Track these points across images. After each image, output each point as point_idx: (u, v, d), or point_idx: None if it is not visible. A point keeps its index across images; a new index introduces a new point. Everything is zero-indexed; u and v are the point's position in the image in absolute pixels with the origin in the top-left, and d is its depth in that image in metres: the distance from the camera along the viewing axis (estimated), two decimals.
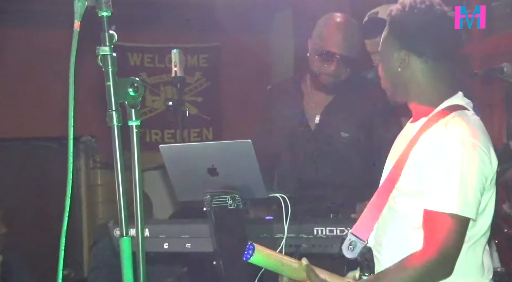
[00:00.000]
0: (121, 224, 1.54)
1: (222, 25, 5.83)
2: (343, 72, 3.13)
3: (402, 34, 2.12)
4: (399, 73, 2.14)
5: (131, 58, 6.57)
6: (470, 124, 2.04)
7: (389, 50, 2.16)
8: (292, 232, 2.56)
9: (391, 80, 2.18)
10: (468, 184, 1.96)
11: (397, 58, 2.13)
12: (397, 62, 2.13)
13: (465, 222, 1.97)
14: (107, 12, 1.54)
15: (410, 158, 2.06)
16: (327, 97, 3.19)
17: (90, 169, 6.63)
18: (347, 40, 3.11)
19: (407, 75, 2.13)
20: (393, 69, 2.15)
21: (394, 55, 2.14)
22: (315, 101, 3.21)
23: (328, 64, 3.11)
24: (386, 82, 2.21)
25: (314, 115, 3.19)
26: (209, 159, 2.52)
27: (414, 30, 2.10)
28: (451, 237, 1.95)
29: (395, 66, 2.14)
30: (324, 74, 3.13)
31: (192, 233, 2.67)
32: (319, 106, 3.20)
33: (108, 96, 1.53)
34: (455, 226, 1.95)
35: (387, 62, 2.18)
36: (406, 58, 2.12)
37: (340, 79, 3.14)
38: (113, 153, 1.53)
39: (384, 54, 2.19)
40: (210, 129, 6.81)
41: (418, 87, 2.14)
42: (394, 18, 2.14)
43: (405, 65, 2.12)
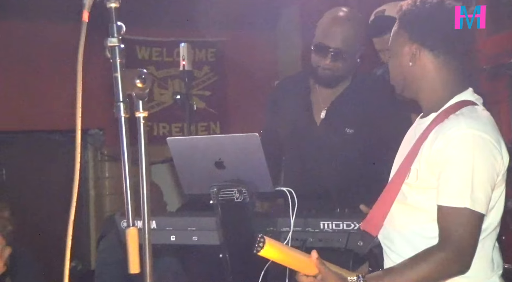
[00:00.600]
0: (127, 215, 1.55)
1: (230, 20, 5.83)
2: (339, 66, 3.10)
3: (413, 28, 2.11)
4: (410, 68, 2.13)
5: (139, 51, 6.58)
6: (480, 119, 2.04)
7: (400, 45, 2.15)
8: (298, 226, 2.55)
9: (401, 75, 2.17)
10: (479, 179, 1.96)
11: (408, 53, 2.13)
12: (408, 57, 2.13)
13: (479, 217, 1.98)
14: (115, 3, 1.54)
15: (420, 153, 2.06)
16: (334, 93, 3.18)
17: (98, 161, 6.65)
18: (343, 34, 3.08)
19: (418, 70, 2.13)
20: (403, 64, 2.14)
21: (405, 50, 2.13)
22: (322, 97, 3.20)
23: (323, 57, 3.10)
24: (395, 77, 2.20)
25: (320, 110, 3.18)
26: (216, 152, 2.52)
27: (426, 24, 2.10)
28: (467, 232, 1.96)
29: (406, 60, 2.14)
30: (320, 68, 3.12)
31: (199, 225, 2.67)
32: (325, 101, 3.19)
33: (115, 87, 1.52)
34: (470, 220, 1.96)
35: (397, 57, 2.17)
36: (417, 53, 2.11)
37: (338, 73, 3.11)
38: (120, 144, 1.53)
39: (394, 49, 2.18)
40: (217, 123, 6.82)
41: (428, 82, 2.13)
42: (405, 12, 2.14)
43: (416, 60, 2.12)
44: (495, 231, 2.10)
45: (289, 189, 2.53)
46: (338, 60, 3.08)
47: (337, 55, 3.07)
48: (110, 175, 6.57)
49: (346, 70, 3.13)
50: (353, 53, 3.11)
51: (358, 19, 3.20)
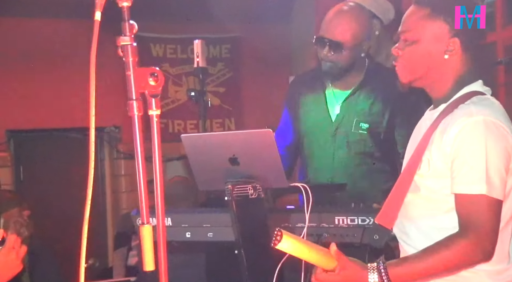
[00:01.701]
0: (142, 212, 1.56)
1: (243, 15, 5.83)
2: (338, 58, 3.09)
3: (453, 20, 2.06)
4: (444, 62, 2.09)
5: (153, 49, 6.60)
6: (491, 107, 2.03)
7: (434, 35, 2.08)
8: (313, 222, 2.55)
9: (426, 66, 2.10)
10: (494, 164, 1.95)
11: (444, 45, 2.07)
12: (442, 49, 2.08)
13: (497, 203, 1.95)
14: (127, 2, 1.55)
15: (431, 142, 2.04)
16: (348, 88, 3.18)
17: (114, 159, 6.69)
18: (342, 26, 3.08)
19: (449, 64, 2.09)
20: (436, 56, 2.09)
21: (441, 42, 2.08)
22: (336, 92, 3.20)
23: (321, 50, 3.11)
24: (416, 66, 2.12)
25: (334, 105, 3.18)
26: (230, 148, 2.52)
27: (464, 17, 2.05)
28: (487, 218, 1.94)
29: (439, 52, 2.08)
30: (323, 60, 3.12)
31: (214, 222, 2.68)
32: (339, 97, 3.19)
33: (128, 86, 1.53)
34: (489, 206, 1.94)
35: (428, 48, 2.09)
36: (455, 46, 2.07)
37: (339, 65, 3.10)
38: (134, 142, 1.54)
39: (425, 38, 2.09)
40: (232, 120, 6.82)
41: (450, 75, 2.10)
42: (441, 1, 2.08)
43: (453, 54, 2.08)
44: (511, 222, 2.07)
45: (304, 184, 2.53)
46: (335, 52, 3.08)
47: (334, 47, 3.07)
48: (126, 172, 6.61)
49: (347, 63, 3.11)
50: (354, 46, 3.10)
51: (363, 13, 3.17)
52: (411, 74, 2.14)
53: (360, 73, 3.18)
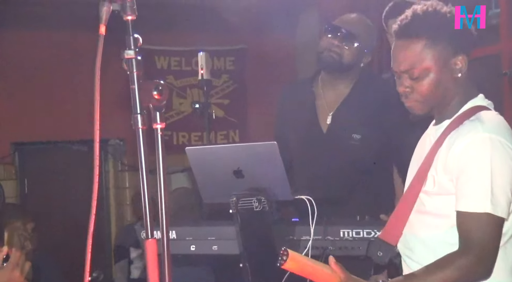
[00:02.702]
0: (146, 227, 1.55)
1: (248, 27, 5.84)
2: (346, 51, 3.10)
3: (454, 38, 2.05)
4: (455, 81, 2.07)
5: (158, 61, 6.62)
6: (496, 123, 2.03)
7: (443, 60, 2.05)
8: (318, 234, 2.54)
9: (442, 91, 2.07)
10: (499, 182, 1.95)
11: (452, 65, 2.06)
12: (453, 69, 2.06)
13: (500, 221, 1.96)
14: (132, 16, 1.55)
15: (436, 159, 2.04)
16: (339, 98, 3.17)
17: (118, 171, 6.69)
18: (357, 22, 3.14)
19: (462, 80, 2.08)
20: (447, 79, 2.06)
21: (449, 63, 2.06)
22: (327, 102, 3.18)
23: (332, 38, 3.10)
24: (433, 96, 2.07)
25: (326, 116, 3.16)
26: (234, 161, 2.51)
27: (461, 33, 2.05)
28: (489, 237, 1.95)
29: (449, 74, 2.06)
30: (327, 50, 3.11)
31: (219, 235, 2.67)
32: (331, 107, 3.17)
33: (133, 99, 1.54)
34: (491, 225, 1.95)
35: (440, 74, 2.06)
36: (463, 63, 2.06)
37: (344, 60, 3.10)
38: (138, 156, 1.54)
39: (434, 65, 2.05)
40: (236, 132, 6.83)
41: (456, 91, 2.09)
42: (438, 27, 2.05)
43: (464, 70, 2.06)
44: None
45: (309, 197, 2.52)
46: (346, 43, 3.09)
47: (347, 38, 3.08)
48: (130, 185, 6.61)
49: (350, 61, 3.11)
50: (361, 47, 3.10)
51: (371, 25, 3.23)
52: (427, 106, 2.11)
53: (351, 83, 3.17)
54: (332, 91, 3.19)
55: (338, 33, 3.09)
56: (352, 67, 3.14)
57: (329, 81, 3.20)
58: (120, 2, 1.54)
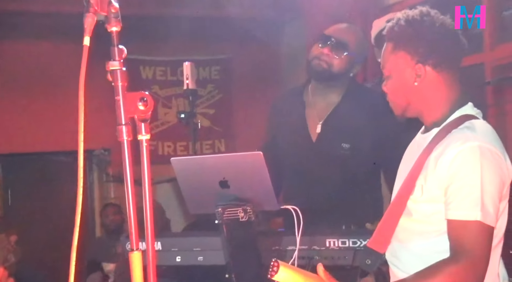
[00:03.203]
0: (131, 239, 1.54)
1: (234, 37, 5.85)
2: (336, 60, 3.11)
3: (414, 47, 2.10)
4: (416, 88, 2.12)
5: (143, 71, 6.61)
6: (484, 132, 2.04)
7: (401, 67, 2.13)
8: (304, 244, 2.55)
9: (404, 96, 2.15)
10: (489, 191, 1.96)
11: (411, 73, 2.12)
12: (412, 77, 2.12)
13: (490, 229, 1.97)
14: (117, 27, 1.55)
15: (425, 168, 2.05)
16: (329, 107, 3.18)
17: (103, 182, 6.66)
18: (347, 32, 3.15)
19: (424, 89, 2.12)
20: (408, 85, 2.13)
21: (407, 71, 2.12)
22: (317, 111, 3.19)
23: (322, 48, 3.12)
24: (398, 99, 2.17)
25: (315, 125, 3.17)
26: (220, 171, 2.51)
27: (426, 42, 2.09)
28: (479, 245, 1.95)
29: (410, 81, 2.12)
30: (317, 59, 3.12)
31: (204, 246, 2.67)
32: (321, 116, 3.18)
33: (117, 110, 1.53)
34: (482, 233, 1.96)
35: (399, 79, 2.15)
36: (422, 72, 2.10)
37: (334, 69, 3.11)
38: (123, 167, 1.53)
39: (393, 71, 2.16)
40: (222, 141, 6.83)
41: (433, 99, 2.13)
42: (399, 33, 2.13)
43: (421, 79, 2.11)
44: (500, 244, 2.09)
45: (295, 207, 2.51)
46: (336, 52, 3.10)
47: (337, 47, 3.10)
48: (116, 195, 6.58)
49: (340, 70, 3.12)
50: (350, 57, 3.12)
51: (361, 34, 3.25)
52: (398, 106, 2.19)
53: (341, 92, 3.19)
54: (322, 100, 3.20)
55: (328, 42, 3.11)
56: (341, 77, 3.15)
57: (319, 90, 3.21)
58: (105, 13, 1.54)
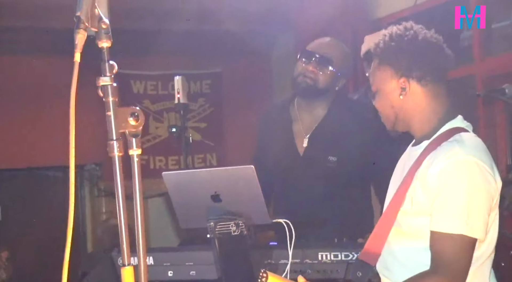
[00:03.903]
0: (123, 253, 1.53)
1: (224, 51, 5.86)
2: (321, 76, 3.12)
3: (397, 63, 2.13)
4: (401, 101, 2.14)
5: (134, 86, 6.60)
6: (474, 145, 2.06)
7: (386, 81, 2.17)
8: (297, 258, 2.55)
9: (392, 110, 2.18)
10: (475, 204, 1.97)
11: (396, 87, 2.14)
12: (397, 91, 2.14)
13: (473, 243, 1.99)
14: (107, 43, 1.55)
15: (415, 180, 2.07)
16: (315, 121, 3.19)
17: (94, 197, 6.65)
18: (331, 48, 3.17)
19: (409, 102, 2.14)
20: (393, 98, 2.16)
21: (392, 85, 2.15)
22: (303, 125, 3.21)
23: (307, 64, 3.13)
24: (386, 113, 2.20)
25: (302, 139, 3.19)
26: (211, 185, 2.51)
27: (409, 56, 2.12)
28: (460, 257, 1.97)
29: (395, 95, 2.15)
30: (302, 76, 3.14)
31: (197, 260, 2.67)
32: (307, 130, 3.20)
33: (108, 126, 1.53)
34: (463, 246, 1.97)
35: (385, 93, 2.18)
36: (406, 85, 2.13)
37: (319, 85, 3.13)
38: (115, 182, 1.53)
39: (380, 86, 2.19)
40: (214, 155, 6.82)
41: (420, 112, 2.15)
42: (383, 49, 2.17)
43: (406, 92, 2.13)
44: (491, 257, 2.11)
45: (287, 220, 2.51)
46: (321, 68, 3.11)
47: (321, 63, 3.11)
48: (107, 210, 6.56)
49: (325, 85, 3.14)
50: (336, 70, 3.13)
51: (345, 48, 3.27)
52: (388, 121, 2.22)
53: (327, 106, 3.20)
54: (308, 114, 3.21)
55: (312, 58, 3.13)
56: (327, 91, 3.16)
57: (305, 104, 3.23)
58: (96, 29, 1.54)
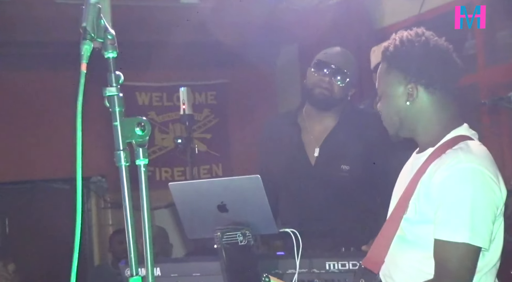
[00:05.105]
0: (130, 264, 1.55)
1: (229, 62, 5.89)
2: (337, 87, 3.13)
3: (407, 68, 2.13)
4: (408, 107, 2.14)
5: (139, 97, 6.63)
6: (478, 154, 2.05)
7: (393, 86, 2.16)
8: (304, 267, 2.55)
9: (397, 115, 2.17)
10: (479, 213, 1.97)
11: (403, 93, 2.14)
12: (404, 97, 2.14)
13: (477, 251, 1.98)
14: (113, 53, 1.57)
15: (419, 187, 2.07)
16: (326, 130, 3.19)
17: (101, 209, 6.67)
18: (344, 57, 3.17)
19: (416, 108, 2.14)
20: (400, 104, 2.15)
21: (400, 90, 2.15)
22: (314, 135, 3.20)
23: (322, 75, 3.13)
24: (391, 118, 2.19)
25: (313, 148, 3.18)
26: (218, 195, 2.51)
27: (418, 62, 2.12)
28: (464, 266, 1.97)
29: (402, 100, 2.15)
30: (318, 87, 3.13)
31: (204, 270, 2.67)
32: (318, 139, 3.19)
33: (115, 136, 1.54)
34: (467, 255, 1.96)
35: (391, 98, 2.17)
36: (414, 91, 2.13)
37: (335, 96, 3.13)
38: (122, 192, 1.54)
39: (386, 90, 2.18)
40: (219, 165, 6.84)
41: (425, 119, 2.15)
42: (393, 53, 2.16)
43: (413, 98, 2.13)
44: (496, 266, 2.10)
45: (294, 230, 2.52)
46: (337, 79, 3.11)
47: (337, 73, 3.11)
48: (113, 222, 6.58)
49: (340, 95, 3.14)
50: (349, 82, 3.14)
51: (353, 58, 3.27)
52: (391, 126, 2.21)
53: (337, 115, 3.20)
54: (319, 124, 3.21)
55: (327, 69, 3.12)
56: (341, 101, 3.17)
57: (315, 114, 3.22)
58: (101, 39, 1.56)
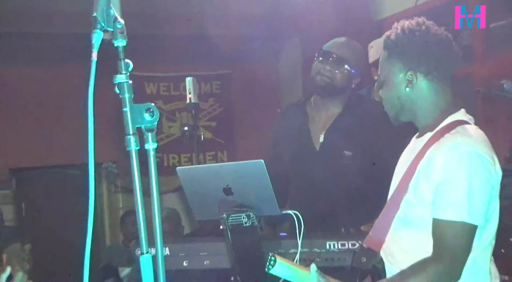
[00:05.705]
0: (141, 243, 1.61)
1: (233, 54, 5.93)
2: (338, 75, 3.20)
3: (407, 55, 2.20)
4: (407, 93, 2.21)
5: (147, 87, 6.72)
6: (475, 137, 2.13)
7: (394, 73, 2.23)
8: (306, 247, 2.64)
9: (397, 101, 2.24)
10: (476, 192, 2.04)
11: (403, 79, 2.22)
12: (404, 83, 2.22)
13: (473, 230, 2.06)
14: (123, 42, 1.63)
15: (418, 170, 2.14)
16: (331, 118, 3.27)
17: (112, 193, 6.77)
18: (347, 47, 3.23)
19: (415, 94, 2.21)
20: (400, 90, 2.23)
21: (399, 77, 2.22)
22: (320, 122, 3.28)
23: (324, 64, 3.21)
24: (391, 104, 2.27)
25: (318, 135, 3.26)
26: (223, 179, 2.57)
27: (418, 50, 2.19)
28: (460, 244, 2.05)
29: (402, 87, 2.22)
30: (319, 75, 3.22)
31: (210, 250, 2.77)
32: (323, 126, 3.27)
33: (125, 121, 1.61)
34: (464, 233, 2.04)
35: (392, 84, 2.24)
36: (413, 78, 2.20)
37: (336, 83, 3.21)
38: (132, 175, 1.60)
39: (388, 76, 2.25)
40: (224, 152, 6.91)
41: (424, 104, 2.22)
42: (394, 41, 2.23)
43: (412, 85, 2.21)
44: (492, 243, 2.17)
45: (296, 212, 2.58)
46: (338, 68, 3.19)
47: (338, 62, 3.19)
48: (124, 206, 6.68)
49: (342, 84, 3.22)
50: (351, 71, 3.21)
51: (359, 48, 3.34)
52: (392, 111, 2.29)
53: (343, 103, 3.28)
54: (325, 112, 3.29)
55: (329, 58, 3.21)
56: (343, 90, 3.25)
57: (321, 103, 3.31)
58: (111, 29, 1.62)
